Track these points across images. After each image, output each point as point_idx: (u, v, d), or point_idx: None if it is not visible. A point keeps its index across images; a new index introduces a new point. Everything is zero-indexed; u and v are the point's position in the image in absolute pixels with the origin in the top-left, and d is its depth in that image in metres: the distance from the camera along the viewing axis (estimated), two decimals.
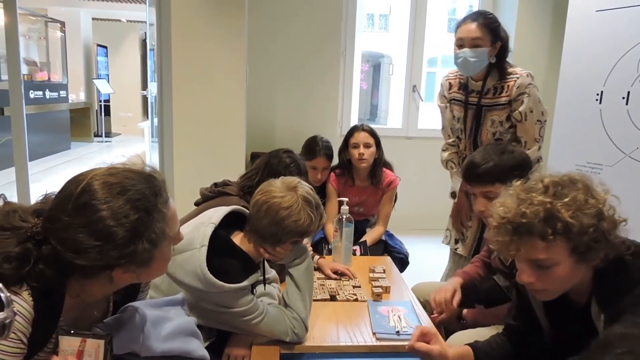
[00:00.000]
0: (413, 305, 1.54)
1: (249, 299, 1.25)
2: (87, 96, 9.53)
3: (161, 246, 0.90)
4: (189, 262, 1.22)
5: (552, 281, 0.99)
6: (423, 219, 4.27)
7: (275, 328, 1.29)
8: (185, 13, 3.31)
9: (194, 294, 1.22)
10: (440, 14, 17.05)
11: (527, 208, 0.96)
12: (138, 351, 0.97)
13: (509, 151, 1.53)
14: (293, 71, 3.92)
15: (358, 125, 2.37)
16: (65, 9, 8.94)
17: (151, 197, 0.87)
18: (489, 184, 1.48)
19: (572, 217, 0.93)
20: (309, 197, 1.30)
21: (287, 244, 1.31)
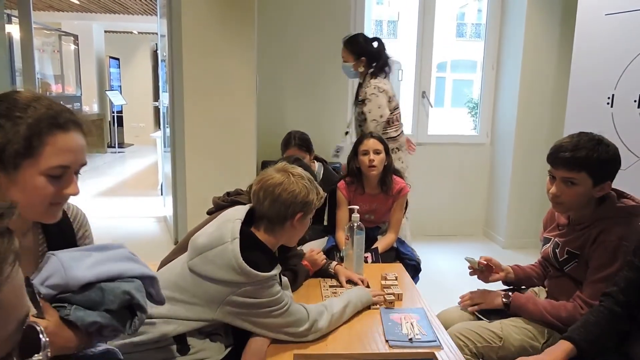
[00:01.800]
0: (426, 312, 1.54)
1: (277, 289, 1.30)
2: (100, 107, 9.68)
3: (24, 164, 0.89)
4: (221, 256, 1.25)
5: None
6: (434, 224, 4.26)
7: (296, 318, 1.32)
8: (196, 25, 3.36)
9: (226, 289, 1.25)
10: (449, 19, 17.08)
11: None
12: (65, 285, 0.94)
13: (605, 144, 1.47)
14: (302, 80, 3.95)
15: (367, 134, 2.38)
16: (78, 22, 9.11)
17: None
18: (575, 170, 1.45)
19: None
20: (300, 172, 1.40)
21: (295, 221, 1.37)
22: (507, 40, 4.02)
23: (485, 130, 4.26)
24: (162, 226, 4.45)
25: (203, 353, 1.29)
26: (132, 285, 0.99)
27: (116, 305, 0.95)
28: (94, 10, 8.64)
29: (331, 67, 3.91)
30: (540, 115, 3.88)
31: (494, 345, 1.49)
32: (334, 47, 3.89)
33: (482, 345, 1.49)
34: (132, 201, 5.48)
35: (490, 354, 1.49)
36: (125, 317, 0.99)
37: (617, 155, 1.48)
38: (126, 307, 0.99)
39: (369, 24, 4.37)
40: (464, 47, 17.22)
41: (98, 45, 9.69)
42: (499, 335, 1.50)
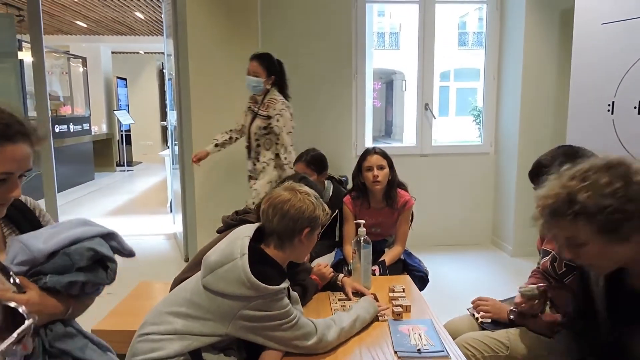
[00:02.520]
0: (433, 322, 1.57)
1: (286, 303, 1.34)
2: (109, 127, 9.84)
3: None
4: (231, 272, 1.31)
5: (590, 258, 1.08)
6: (440, 235, 4.28)
7: (304, 332, 1.36)
8: (202, 45, 3.45)
9: (237, 304, 1.29)
10: (450, 28, 17.22)
11: (555, 191, 1.06)
12: (32, 259, 1.05)
13: (580, 155, 1.51)
14: (307, 96, 4.01)
15: (370, 148, 2.40)
16: (86, 44, 9.32)
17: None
18: None
19: (589, 197, 1.00)
20: (307, 190, 1.46)
21: (303, 236, 1.42)
22: (507, 50, 4.08)
23: (489, 139, 4.29)
24: (172, 243, 4.51)
25: None
26: (94, 242, 1.10)
27: (84, 261, 1.07)
28: (102, 32, 8.84)
29: (334, 81, 3.99)
30: (542, 123, 3.91)
31: (501, 354, 1.52)
32: (336, 61, 3.98)
33: (490, 354, 1.52)
34: (142, 219, 5.55)
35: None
36: (99, 271, 1.11)
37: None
38: (97, 262, 1.11)
39: (371, 37, 4.44)
40: (467, 56, 17.32)
41: (105, 66, 9.89)
42: (506, 345, 1.53)
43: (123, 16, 7.33)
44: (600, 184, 1.01)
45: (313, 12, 3.90)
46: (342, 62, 4.00)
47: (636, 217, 0.99)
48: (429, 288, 2.37)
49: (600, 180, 1.01)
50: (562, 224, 1.05)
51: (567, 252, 1.10)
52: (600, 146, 2.73)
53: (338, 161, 4.00)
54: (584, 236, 1.03)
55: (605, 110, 2.71)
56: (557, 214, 1.05)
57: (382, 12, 17.77)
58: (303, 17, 3.90)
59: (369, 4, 4.12)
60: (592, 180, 1.02)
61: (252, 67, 3.00)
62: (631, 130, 2.57)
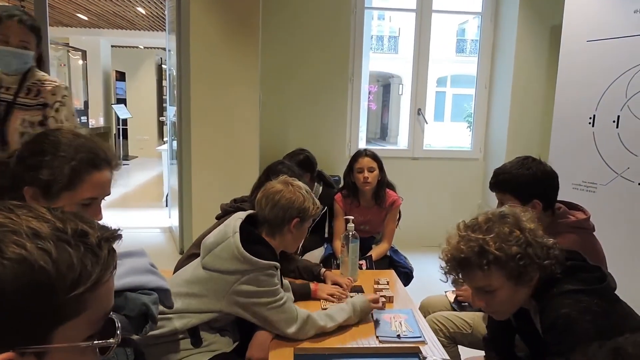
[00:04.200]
0: (413, 312, 1.70)
1: (276, 282, 1.46)
2: (106, 121, 9.90)
3: (63, 194, 1.09)
4: (225, 249, 1.44)
5: (499, 303, 1.17)
6: (428, 235, 4.41)
7: (287, 317, 1.46)
8: (203, 43, 3.55)
9: (231, 278, 1.42)
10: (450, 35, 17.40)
11: (464, 245, 1.14)
12: None
13: (526, 166, 1.65)
14: (303, 97, 4.14)
15: (362, 150, 2.51)
16: (86, 37, 9.38)
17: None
18: (501, 192, 1.68)
19: (498, 249, 1.11)
20: (299, 184, 1.59)
21: (292, 226, 1.53)
22: (498, 61, 4.23)
23: (479, 145, 4.44)
24: (167, 237, 4.61)
25: (214, 346, 1.46)
26: (150, 299, 1.17)
27: (135, 313, 1.14)
28: (102, 26, 8.90)
29: (330, 83, 4.12)
30: (529, 132, 4.07)
31: (465, 332, 1.71)
32: (333, 64, 4.11)
33: (454, 331, 1.72)
34: (138, 213, 5.65)
35: (462, 340, 1.71)
36: (139, 323, 1.17)
37: (539, 175, 1.63)
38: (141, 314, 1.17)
39: (368, 40, 4.58)
40: (464, 63, 17.53)
41: (105, 59, 9.94)
42: (470, 324, 1.72)
43: (125, 10, 7.41)
44: (504, 233, 1.12)
45: (313, 16, 4.02)
46: (339, 66, 4.12)
47: (535, 259, 1.12)
48: (413, 283, 2.50)
49: (503, 231, 1.12)
50: (475, 274, 1.14)
51: (478, 300, 1.19)
52: (581, 156, 2.88)
53: (331, 161, 4.13)
54: (496, 283, 1.13)
55: (587, 123, 2.85)
56: (470, 265, 1.13)
57: (382, 15, 17.93)
58: (303, 19, 4.02)
59: (367, 10, 4.26)
60: (497, 231, 1.13)
61: (25, 37, 1.96)
62: (609, 143, 2.72)
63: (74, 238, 0.53)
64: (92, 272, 0.54)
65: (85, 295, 0.53)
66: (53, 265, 0.51)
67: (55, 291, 0.51)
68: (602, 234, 2.68)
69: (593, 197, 2.80)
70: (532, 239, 1.13)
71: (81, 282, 0.53)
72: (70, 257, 0.52)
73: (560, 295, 1.11)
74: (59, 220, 0.54)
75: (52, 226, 0.53)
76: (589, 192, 2.83)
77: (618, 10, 2.69)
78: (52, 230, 0.52)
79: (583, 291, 1.10)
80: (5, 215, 0.52)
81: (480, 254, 1.12)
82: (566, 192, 2.92)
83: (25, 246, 0.50)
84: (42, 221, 0.53)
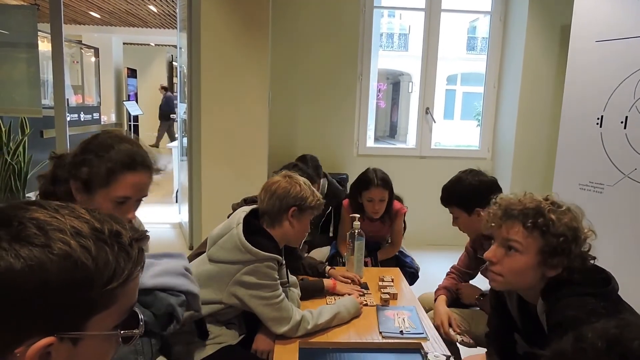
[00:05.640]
0: (417, 310, 1.73)
1: (275, 277, 1.50)
2: (118, 117, 10.01)
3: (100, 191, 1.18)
4: (228, 241, 1.49)
5: (511, 268, 1.17)
6: (434, 235, 4.42)
7: (281, 316, 1.48)
8: (214, 41, 3.59)
9: (234, 268, 1.46)
10: (460, 33, 17.30)
11: (526, 200, 1.17)
12: None
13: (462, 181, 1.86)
14: (312, 95, 4.17)
15: (372, 177, 2.32)
16: (98, 35, 9.49)
17: None
18: (449, 206, 1.88)
19: (555, 219, 1.13)
20: (298, 178, 1.61)
21: (290, 215, 1.56)
22: (507, 60, 4.22)
23: (487, 145, 4.44)
24: (177, 232, 4.67)
25: (220, 338, 1.50)
26: (177, 300, 1.22)
27: (161, 312, 1.19)
28: (115, 23, 9.01)
29: (339, 81, 4.14)
30: (537, 132, 4.06)
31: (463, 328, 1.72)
32: (342, 62, 4.13)
33: None
34: (148, 208, 5.71)
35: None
36: (165, 321, 1.22)
37: (477, 186, 1.80)
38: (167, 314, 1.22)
39: (377, 39, 4.60)
40: (474, 61, 17.41)
41: (117, 57, 10.06)
42: (468, 322, 1.72)
43: (137, 9, 7.49)
44: (566, 215, 1.14)
45: (322, 14, 4.05)
46: (347, 64, 4.15)
47: (570, 253, 1.13)
48: (418, 283, 2.53)
49: (565, 214, 1.15)
50: (515, 226, 1.15)
51: (495, 253, 1.18)
52: (588, 157, 2.88)
53: (339, 159, 4.16)
54: (525, 246, 1.14)
55: (595, 124, 2.85)
56: (518, 216, 1.14)
57: (393, 12, 17.88)
58: (312, 18, 4.05)
59: (376, 9, 4.27)
60: (560, 210, 1.15)
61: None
62: (617, 143, 2.72)
63: (109, 238, 0.59)
64: (124, 269, 0.59)
65: (117, 290, 0.59)
66: (92, 262, 0.56)
67: (93, 285, 0.57)
68: (609, 234, 2.71)
69: (600, 197, 2.80)
70: (582, 236, 1.16)
71: (115, 278, 0.58)
72: (107, 254, 0.58)
73: (569, 296, 1.13)
74: (96, 220, 0.60)
75: (91, 226, 0.58)
76: (596, 193, 2.83)
77: (627, 11, 2.68)
78: (91, 230, 0.58)
79: (591, 294, 1.12)
80: (52, 215, 0.57)
81: (535, 212, 1.13)
82: (573, 192, 2.94)
83: (69, 243, 0.55)
84: (82, 221, 0.58)
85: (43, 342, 0.54)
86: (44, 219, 0.56)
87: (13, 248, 0.53)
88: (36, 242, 0.54)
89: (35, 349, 0.53)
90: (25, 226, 0.55)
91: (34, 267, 0.53)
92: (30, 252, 0.53)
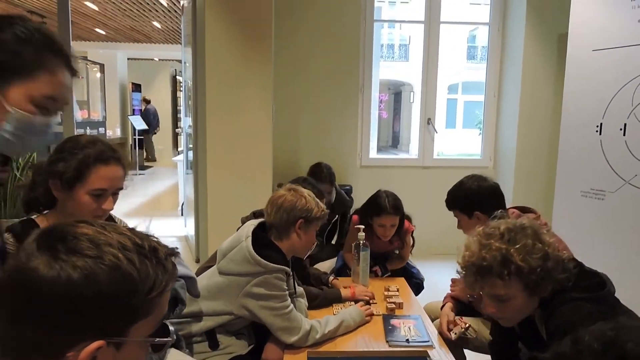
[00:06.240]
0: (422, 318, 1.76)
1: (284, 288, 1.54)
2: (123, 132, 10.12)
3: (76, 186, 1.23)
4: (238, 253, 1.53)
5: (510, 311, 1.22)
6: (438, 244, 4.44)
7: (291, 326, 1.52)
8: (218, 55, 3.65)
9: (244, 280, 1.50)
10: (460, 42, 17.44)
11: (487, 253, 1.17)
12: None
13: (462, 185, 1.94)
14: (315, 107, 4.22)
15: (385, 205, 2.32)
16: (103, 51, 9.64)
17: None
18: (451, 210, 1.98)
19: (523, 260, 1.15)
20: (302, 190, 1.66)
21: (297, 227, 1.60)
22: (507, 69, 4.28)
23: (489, 153, 4.48)
24: (183, 245, 4.72)
25: (230, 348, 1.53)
26: (178, 284, 1.28)
27: None
28: (119, 40, 9.15)
29: (341, 91, 4.20)
30: (538, 140, 4.10)
31: (469, 337, 1.74)
32: (344, 75, 4.20)
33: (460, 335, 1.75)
34: (154, 222, 5.78)
35: (467, 344, 1.75)
36: (170, 306, 1.26)
37: (476, 191, 1.88)
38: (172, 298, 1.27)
39: (378, 51, 4.65)
40: (475, 70, 17.51)
41: (121, 72, 10.19)
42: (474, 329, 1.75)
43: (141, 25, 7.62)
44: (528, 245, 1.16)
45: (323, 28, 4.12)
46: (349, 76, 4.21)
47: (552, 273, 1.16)
48: (423, 293, 2.56)
49: (527, 242, 1.16)
50: (495, 282, 1.17)
51: (490, 306, 1.22)
52: (589, 164, 2.91)
53: (343, 170, 4.20)
54: (513, 292, 1.17)
55: (594, 131, 2.89)
56: (491, 273, 1.16)
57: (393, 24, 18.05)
58: (314, 31, 4.11)
59: (377, 22, 4.35)
60: (522, 243, 1.16)
61: None
62: (616, 150, 2.75)
63: (149, 252, 0.65)
64: (162, 280, 0.65)
65: (156, 299, 0.64)
66: (137, 273, 0.62)
67: (137, 294, 0.62)
68: (611, 240, 2.73)
69: (602, 204, 2.83)
70: (551, 252, 1.18)
71: (154, 288, 0.64)
72: (147, 267, 0.63)
73: (565, 303, 1.16)
74: (137, 237, 0.66)
75: (133, 241, 0.64)
76: (598, 200, 2.86)
77: (623, 20, 2.73)
78: (133, 245, 0.64)
79: (586, 299, 1.14)
80: (100, 231, 0.63)
81: (503, 263, 1.15)
82: (575, 199, 2.97)
83: (117, 256, 0.61)
84: (125, 237, 0.64)
85: (94, 346, 0.59)
86: (93, 234, 0.62)
87: (70, 259, 0.59)
88: (90, 254, 0.60)
89: (87, 352, 0.59)
90: (79, 240, 0.61)
91: (89, 277, 0.59)
92: (85, 262, 0.59)
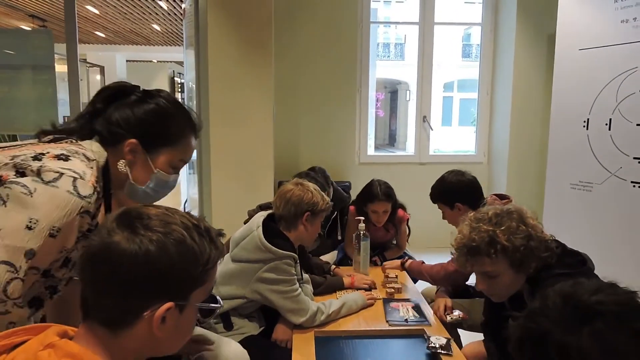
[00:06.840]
0: (420, 301, 1.90)
1: (293, 273, 1.66)
2: None
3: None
4: (250, 242, 1.66)
5: (499, 287, 1.36)
6: (435, 238, 4.57)
7: (300, 307, 1.65)
8: (220, 58, 3.76)
9: (256, 267, 1.62)
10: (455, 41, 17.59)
11: (476, 235, 1.32)
12: None
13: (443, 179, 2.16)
14: (314, 107, 4.35)
15: (377, 192, 2.47)
16: (102, 53, 9.74)
17: None
18: (435, 202, 2.20)
19: (507, 240, 1.29)
20: (308, 184, 1.79)
21: (305, 219, 1.73)
22: (499, 68, 4.42)
23: (483, 150, 4.63)
24: None
25: (243, 329, 1.67)
26: None
27: None
28: (118, 42, 9.26)
29: (339, 93, 4.34)
30: (530, 136, 4.25)
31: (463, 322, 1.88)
32: (342, 75, 4.33)
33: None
34: None
35: (460, 325, 1.87)
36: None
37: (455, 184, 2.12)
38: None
39: (374, 51, 4.78)
40: (470, 67, 17.66)
41: (120, 74, 10.30)
42: (468, 310, 1.88)
43: (141, 28, 7.74)
44: (512, 227, 1.30)
45: (321, 30, 4.25)
46: (347, 76, 4.34)
47: (535, 251, 1.30)
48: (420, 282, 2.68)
49: (511, 225, 1.30)
50: (483, 260, 1.31)
51: (481, 283, 1.37)
52: (577, 158, 3.06)
53: (342, 168, 4.34)
54: (500, 269, 1.31)
55: (582, 126, 3.03)
56: (480, 252, 1.30)
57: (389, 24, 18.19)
58: (312, 34, 4.24)
59: (373, 24, 4.48)
60: (507, 225, 1.30)
61: None
62: (603, 144, 2.90)
63: (204, 231, 0.78)
64: (215, 255, 0.79)
65: (210, 271, 0.78)
66: (197, 248, 0.75)
67: (197, 265, 0.75)
68: (599, 229, 2.88)
69: (590, 195, 2.98)
70: (534, 233, 1.31)
71: (210, 261, 0.77)
72: (204, 243, 0.77)
73: (550, 278, 1.28)
74: (194, 219, 0.79)
75: (192, 222, 0.78)
76: (586, 191, 3.00)
77: (607, 21, 2.88)
78: (192, 225, 0.78)
79: (568, 274, 1.27)
80: (165, 213, 0.77)
81: (490, 243, 1.29)
82: (565, 191, 3.12)
83: (182, 233, 0.75)
84: (185, 218, 0.78)
85: (166, 306, 0.72)
86: (162, 215, 0.76)
87: (147, 234, 0.72)
88: (161, 231, 0.73)
89: (161, 312, 0.72)
90: (152, 219, 0.75)
91: (162, 249, 0.72)
92: (159, 237, 0.73)
